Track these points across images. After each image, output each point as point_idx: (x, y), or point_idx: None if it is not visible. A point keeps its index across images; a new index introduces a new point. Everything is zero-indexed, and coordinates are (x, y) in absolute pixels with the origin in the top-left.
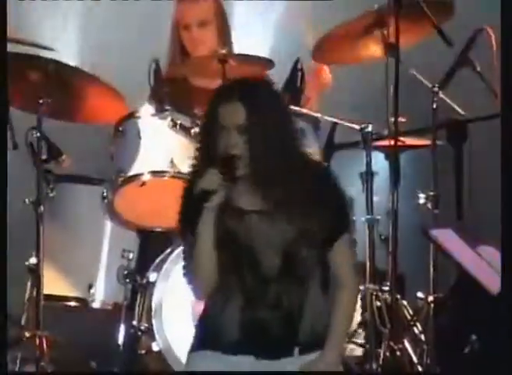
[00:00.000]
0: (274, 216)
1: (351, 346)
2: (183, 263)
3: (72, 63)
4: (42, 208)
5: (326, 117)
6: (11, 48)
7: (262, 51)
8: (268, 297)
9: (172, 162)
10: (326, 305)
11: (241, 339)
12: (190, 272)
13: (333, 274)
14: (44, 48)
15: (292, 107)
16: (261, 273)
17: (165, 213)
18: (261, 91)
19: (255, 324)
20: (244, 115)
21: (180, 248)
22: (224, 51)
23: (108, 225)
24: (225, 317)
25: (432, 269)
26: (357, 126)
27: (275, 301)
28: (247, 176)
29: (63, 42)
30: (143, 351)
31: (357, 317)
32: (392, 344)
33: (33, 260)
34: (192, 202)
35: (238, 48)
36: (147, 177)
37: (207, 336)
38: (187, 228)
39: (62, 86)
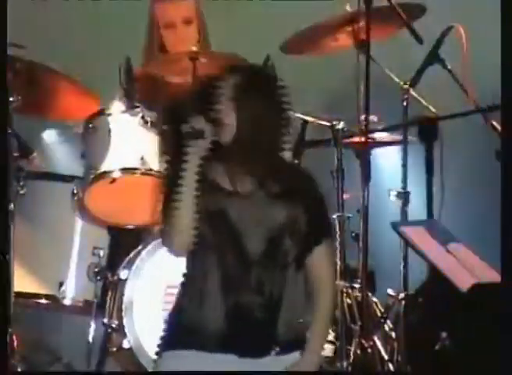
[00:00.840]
0: (261, 200)
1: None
2: (161, 220)
3: (42, 61)
4: (13, 205)
5: (297, 114)
6: None
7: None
8: (249, 281)
9: (142, 159)
10: (302, 301)
11: (224, 329)
12: (167, 223)
13: (313, 277)
14: (15, 45)
15: None
16: (244, 256)
17: (135, 210)
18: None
19: (237, 309)
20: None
21: (151, 245)
22: (195, 49)
23: (79, 222)
24: (205, 306)
25: (402, 267)
26: (327, 124)
27: (256, 285)
28: (234, 150)
29: (33, 40)
30: (113, 349)
31: None
32: (362, 341)
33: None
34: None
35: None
36: (117, 174)
37: (182, 333)
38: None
39: (32, 84)
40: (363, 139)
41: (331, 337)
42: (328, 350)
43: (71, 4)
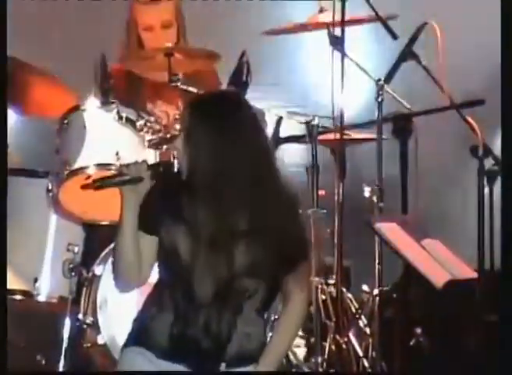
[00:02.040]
0: (221, 239)
1: (296, 340)
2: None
3: (19, 57)
4: None
5: (272, 110)
6: None
7: (209, 45)
8: (198, 320)
9: (117, 154)
10: (259, 327)
11: (171, 349)
12: (114, 263)
13: (285, 296)
14: None
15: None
16: (194, 297)
17: (110, 206)
18: (233, 103)
19: (184, 340)
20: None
21: None
22: (170, 45)
23: (54, 218)
24: (157, 326)
25: (377, 263)
26: (302, 120)
27: (204, 325)
28: (193, 183)
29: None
30: (88, 345)
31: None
32: (337, 337)
33: None
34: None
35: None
36: (92, 170)
37: (141, 334)
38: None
39: (6, 78)
40: (338, 136)
41: (305, 332)
42: (302, 344)
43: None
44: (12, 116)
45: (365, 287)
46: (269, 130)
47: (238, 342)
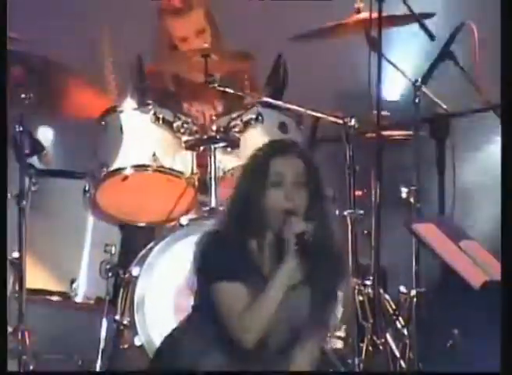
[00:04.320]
0: (299, 292)
1: (334, 340)
2: (231, 313)
3: (54, 58)
4: (25, 202)
5: (309, 111)
6: None
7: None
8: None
9: (154, 156)
10: None
11: None
12: (248, 322)
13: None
14: (27, 43)
15: (275, 101)
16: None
17: (147, 207)
18: (308, 150)
19: None
20: (303, 168)
21: (163, 243)
22: (206, 46)
23: (91, 219)
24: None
25: (414, 264)
26: (340, 121)
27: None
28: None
29: (46, 38)
30: (125, 346)
31: (339, 311)
32: (374, 338)
33: (15, 254)
34: (242, 246)
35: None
36: (129, 171)
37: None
38: (235, 274)
39: (44, 81)
40: (375, 136)
41: (343, 333)
42: (339, 345)
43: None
44: (51, 118)
45: (402, 288)
46: (306, 132)
47: None
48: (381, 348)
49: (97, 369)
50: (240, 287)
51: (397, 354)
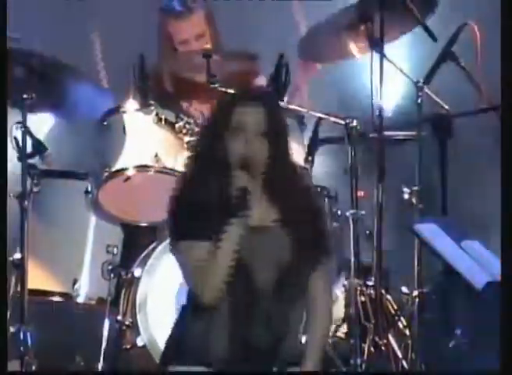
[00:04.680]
0: (274, 232)
1: (335, 341)
2: (188, 268)
3: (56, 58)
4: (26, 202)
5: (311, 112)
6: None
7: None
8: (258, 314)
9: (156, 156)
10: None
11: (224, 356)
12: (202, 278)
13: (310, 296)
14: (28, 42)
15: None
16: (254, 289)
17: (149, 208)
18: (275, 100)
19: (242, 341)
20: (267, 120)
21: (165, 243)
22: (208, 46)
23: (93, 220)
24: (211, 329)
25: (416, 264)
26: (342, 121)
27: (265, 319)
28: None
29: (47, 37)
30: (127, 346)
31: (341, 312)
32: (376, 339)
33: (17, 255)
34: (204, 203)
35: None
36: (131, 172)
37: (189, 350)
38: (197, 231)
39: (46, 81)
40: (377, 136)
41: (345, 334)
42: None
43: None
44: (52, 118)
45: (404, 289)
46: (309, 132)
47: (291, 342)
48: (383, 348)
49: (100, 369)
50: (200, 243)
51: (399, 354)
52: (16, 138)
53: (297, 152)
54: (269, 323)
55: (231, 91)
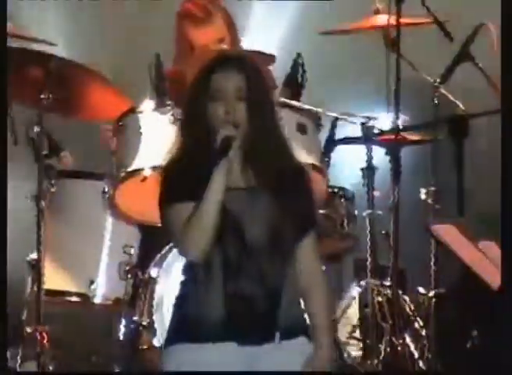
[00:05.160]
0: (258, 194)
1: (352, 341)
2: (176, 229)
3: (73, 59)
4: (43, 203)
5: (327, 112)
6: (13, 43)
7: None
8: (250, 269)
9: None
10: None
11: (224, 317)
12: (189, 232)
13: (302, 270)
14: (46, 43)
15: (293, 102)
16: (244, 246)
17: None
18: (254, 65)
19: (238, 297)
20: (246, 86)
21: None
22: (224, 47)
23: (109, 220)
24: (207, 294)
25: (433, 265)
26: (358, 121)
27: (257, 273)
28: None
29: (65, 38)
30: (144, 347)
31: (357, 312)
32: (393, 339)
33: (34, 255)
34: (189, 166)
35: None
36: (148, 172)
37: (184, 326)
38: (184, 193)
39: (63, 81)
40: (393, 137)
41: (361, 335)
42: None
43: (102, 2)
44: (69, 119)
45: (421, 289)
46: (325, 132)
47: (289, 300)
48: (399, 348)
49: (116, 370)
50: (187, 204)
51: (416, 355)
52: (32, 139)
53: (313, 152)
54: (263, 281)
55: None
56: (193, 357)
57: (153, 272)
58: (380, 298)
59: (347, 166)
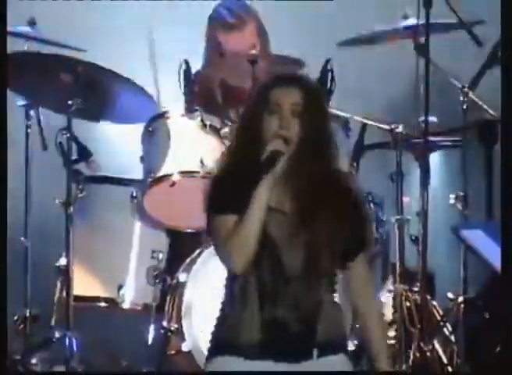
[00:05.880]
0: (299, 218)
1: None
2: (220, 239)
3: (101, 64)
4: (72, 208)
5: (356, 118)
6: (42, 49)
7: (293, 52)
8: (286, 295)
9: (201, 162)
10: (339, 312)
11: (260, 340)
12: (231, 243)
13: (352, 287)
14: (75, 48)
15: None
16: (282, 272)
17: (195, 213)
18: (315, 85)
19: (274, 322)
20: (303, 102)
21: (210, 249)
22: (254, 52)
23: (138, 225)
24: (243, 316)
25: (462, 270)
26: (387, 127)
27: (293, 300)
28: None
29: (94, 43)
30: (172, 352)
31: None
32: (421, 344)
33: (63, 261)
34: (238, 178)
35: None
36: (176, 177)
37: (226, 340)
38: (230, 204)
39: (91, 87)
40: (422, 142)
41: (390, 339)
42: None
43: (129, 7)
44: (99, 124)
45: (450, 295)
46: (354, 137)
47: (327, 324)
48: (428, 354)
49: None
50: (232, 215)
51: (445, 360)
52: (61, 144)
53: (342, 158)
54: (299, 307)
55: None
56: (234, 370)
57: (181, 277)
58: (408, 303)
59: (376, 172)
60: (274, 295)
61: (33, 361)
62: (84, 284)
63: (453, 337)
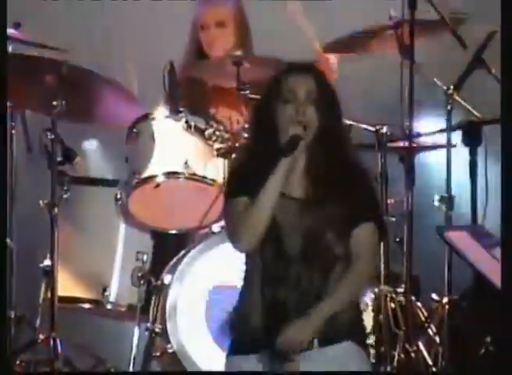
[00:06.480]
0: (302, 201)
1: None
2: (233, 218)
3: (86, 66)
4: (56, 210)
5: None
6: (25, 50)
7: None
8: (288, 276)
9: (186, 163)
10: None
11: (261, 328)
12: (243, 223)
13: (351, 255)
14: (58, 50)
15: None
16: (283, 252)
17: (179, 215)
18: (323, 73)
19: (275, 306)
20: (317, 89)
21: (195, 250)
22: (239, 53)
23: (123, 227)
24: (249, 304)
25: (446, 271)
26: (371, 128)
27: (295, 280)
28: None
29: (77, 44)
30: (157, 353)
31: (370, 319)
32: (406, 346)
33: (47, 262)
34: (254, 164)
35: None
36: (161, 179)
37: (235, 338)
38: (245, 189)
39: (75, 88)
40: (407, 143)
41: (375, 341)
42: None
43: (115, 8)
44: (82, 126)
45: (435, 296)
46: None
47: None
48: (413, 355)
49: None
50: (245, 198)
51: (430, 361)
52: (45, 145)
53: None
54: (299, 285)
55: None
56: (246, 368)
57: (166, 278)
58: (393, 305)
59: None
60: (275, 279)
61: (18, 362)
62: (69, 285)
63: (437, 338)
